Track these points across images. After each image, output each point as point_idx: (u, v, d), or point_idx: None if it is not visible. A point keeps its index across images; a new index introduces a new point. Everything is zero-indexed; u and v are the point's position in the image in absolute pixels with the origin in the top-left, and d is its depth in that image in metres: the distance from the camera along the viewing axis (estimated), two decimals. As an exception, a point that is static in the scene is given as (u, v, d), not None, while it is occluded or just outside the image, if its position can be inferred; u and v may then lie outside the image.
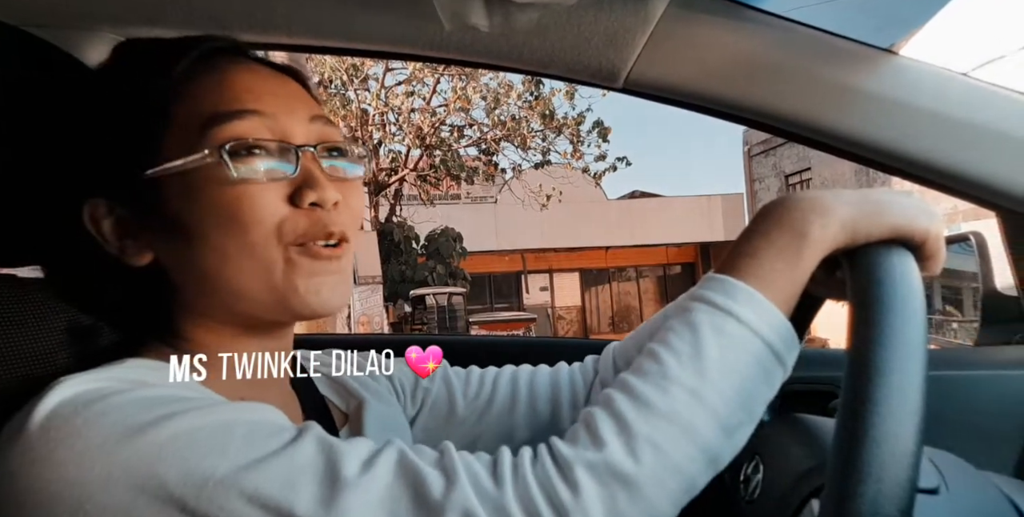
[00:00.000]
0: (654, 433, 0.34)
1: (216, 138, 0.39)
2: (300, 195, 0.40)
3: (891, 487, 0.29)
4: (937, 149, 0.56)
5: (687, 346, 0.37)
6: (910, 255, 0.38)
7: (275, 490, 0.32)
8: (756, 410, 0.37)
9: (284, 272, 0.40)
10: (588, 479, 0.33)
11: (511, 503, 0.32)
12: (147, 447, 0.32)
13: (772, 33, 0.59)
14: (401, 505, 0.33)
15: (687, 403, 0.35)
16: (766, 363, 0.37)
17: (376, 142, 9.60)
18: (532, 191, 10.19)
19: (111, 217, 0.41)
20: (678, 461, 0.34)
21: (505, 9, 0.53)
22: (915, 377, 0.32)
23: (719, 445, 0.36)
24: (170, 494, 0.31)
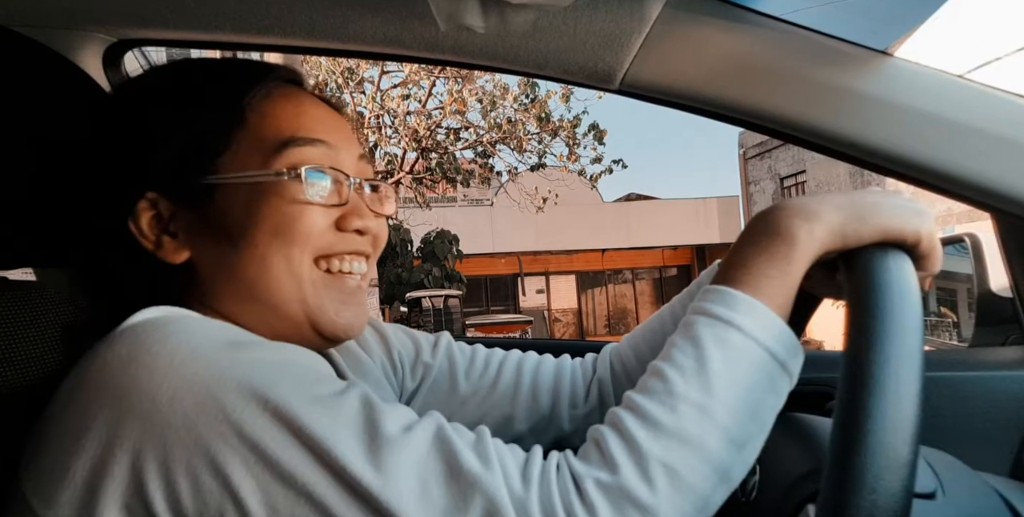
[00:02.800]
0: (666, 454, 0.34)
1: (290, 159, 0.43)
2: (347, 221, 0.45)
3: (886, 497, 0.29)
4: (933, 151, 0.56)
5: (691, 361, 0.37)
6: (906, 257, 0.38)
7: (319, 432, 0.33)
8: (766, 421, 0.37)
9: (315, 293, 0.44)
10: (603, 502, 0.33)
11: (534, 506, 0.33)
12: (212, 369, 0.34)
13: (768, 35, 0.59)
14: (432, 474, 0.33)
15: (696, 420, 0.35)
16: (771, 372, 0.37)
17: (372, 145, 9.59)
18: (528, 194, 10.19)
19: (152, 212, 0.44)
20: (692, 482, 0.34)
21: (500, 10, 0.53)
22: (911, 386, 0.31)
23: (731, 460, 0.35)
24: (228, 416, 0.33)
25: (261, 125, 0.44)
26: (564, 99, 9.22)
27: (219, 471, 0.32)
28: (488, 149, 9.75)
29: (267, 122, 0.44)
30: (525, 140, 9.55)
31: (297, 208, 0.43)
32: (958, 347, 0.90)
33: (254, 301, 0.43)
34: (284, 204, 0.43)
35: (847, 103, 0.58)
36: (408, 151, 9.60)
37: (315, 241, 0.44)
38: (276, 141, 0.44)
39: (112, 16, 0.68)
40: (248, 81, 0.45)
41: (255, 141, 0.44)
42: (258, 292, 0.43)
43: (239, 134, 0.44)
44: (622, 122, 28.26)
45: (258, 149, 0.44)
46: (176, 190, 0.44)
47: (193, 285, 0.44)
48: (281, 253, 0.43)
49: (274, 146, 0.44)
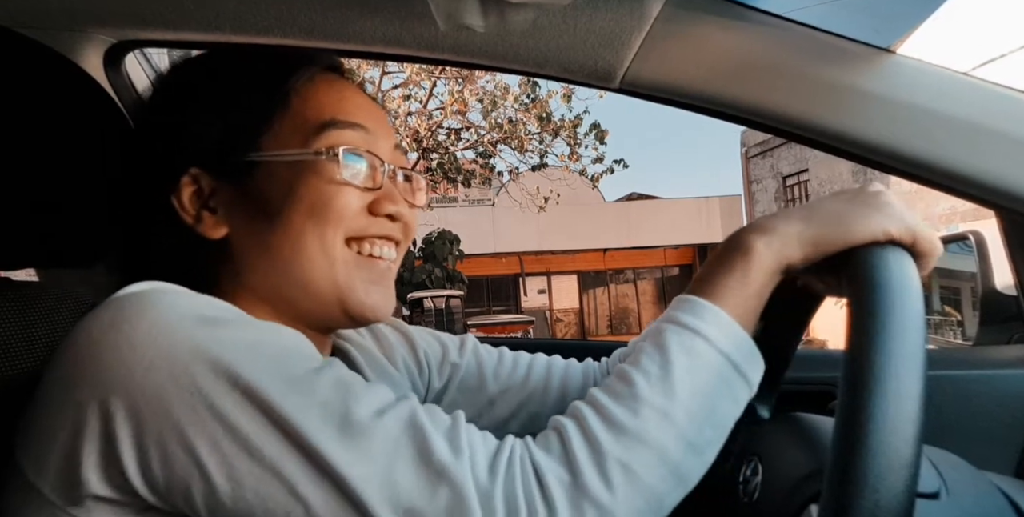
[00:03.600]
0: (625, 454, 0.35)
1: (329, 140, 0.45)
2: (380, 205, 0.46)
3: (889, 497, 0.29)
4: (936, 148, 0.56)
5: (656, 367, 0.38)
6: (907, 256, 0.38)
7: (288, 411, 0.34)
8: (724, 427, 0.38)
9: (346, 272, 0.45)
10: (563, 500, 0.34)
11: (498, 500, 0.33)
12: (188, 342, 0.35)
13: (769, 32, 0.59)
14: (402, 460, 0.34)
15: (656, 423, 0.36)
16: (730, 379, 0.39)
17: (373, 145, 9.56)
18: (529, 194, 10.19)
19: (194, 187, 0.45)
20: (649, 482, 0.35)
21: (500, 9, 0.53)
22: (913, 385, 0.31)
23: (688, 463, 0.36)
24: (199, 390, 0.34)
25: (303, 107, 0.46)
26: (565, 99, 9.21)
27: (187, 443, 0.33)
28: (489, 149, 9.75)
29: (309, 104, 0.46)
30: (526, 140, 9.55)
31: (333, 188, 0.44)
32: (962, 346, 0.90)
33: (286, 278, 0.44)
34: (321, 183, 0.44)
35: (850, 101, 0.58)
36: (409, 151, 9.60)
37: (348, 222, 0.45)
38: (317, 122, 0.45)
39: (113, 17, 0.68)
40: (293, 65, 0.47)
41: (297, 122, 0.45)
42: (290, 269, 0.44)
43: (282, 115, 0.45)
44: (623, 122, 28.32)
45: (299, 130, 0.45)
46: (219, 166, 0.45)
47: (227, 261, 0.45)
48: (315, 232, 0.44)
49: (315, 127, 0.45)
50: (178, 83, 0.49)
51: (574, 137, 9.61)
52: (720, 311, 0.39)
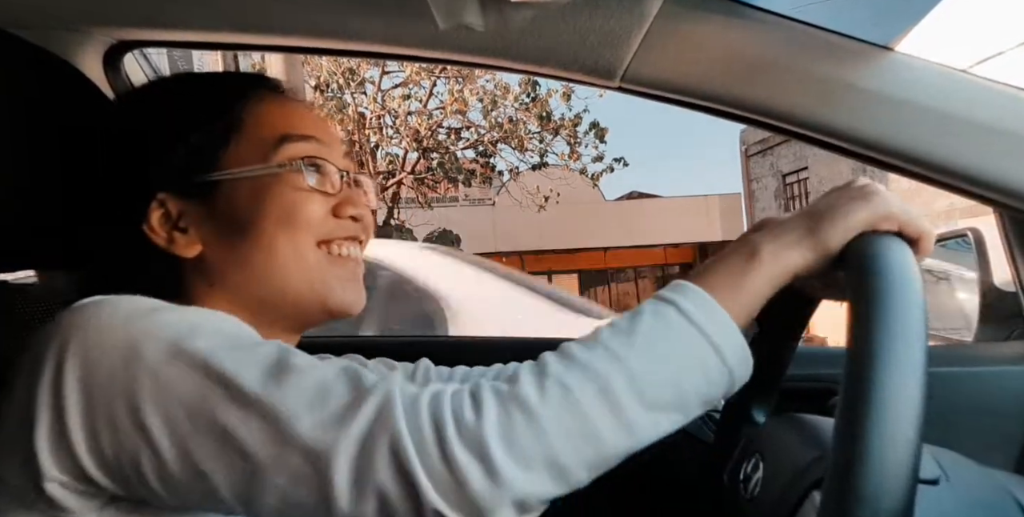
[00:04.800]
0: (567, 377, 0.35)
1: (288, 153, 0.48)
2: (343, 208, 0.50)
3: (892, 478, 0.29)
4: (935, 146, 0.56)
5: (624, 323, 0.38)
6: (902, 243, 0.38)
7: (229, 366, 0.36)
8: (686, 398, 0.37)
9: (320, 273, 0.48)
10: (492, 402, 0.35)
11: (423, 404, 0.35)
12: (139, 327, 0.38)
13: (768, 30, 0.59)
14: (333, 389, 0.36)
15: (606, 360, 0.36)
16: (703, 357, 0.38)
17: (373, 145, 9.59)
18: (530, 193, 10.18)
19: (161, 210, 0.48)
20: (585, 409, 0.35)
21: (499, 8, 0.53)
22: (915, 367, 0.31)
23: (634, 413, 0.35)
24: (147, 365, 0.36)
25: (256, 126, 0.49)
26: (565, 98, 9.21)
27: (135, 413, 0.36)
28: (489, 148, 9.74)
29: (262, 122, 0.49)
30: (526, 139, 9.54)
31: (300, 196, 0.48)
32: (962, 342, 0.90)
33: (264, 285, 0.47)
34: (287, 193, 0.47)
35: (849, 98, 0.58)
36: (409, 151, 9.59)
37: (317, 227, 0.48)
38: (272, 138, 0.49)
39: (112, 18, 0.68)
40: (241, 89, 0.51)
41: (252, 140, 0.49)
42: (268, 276, 0.47)
43: (238, 135, 0.49)
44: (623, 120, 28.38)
45: (256, 146, 0.48)
46: (183, 189, 0.48)
47: (203, 276, 0.48)
48: (287, 239, 0.47)
49: (271, 143, 0.48)
50: (132, 117, 0.52)
51: (574, 136, 9.60)
52: (702, 291, 0.39)
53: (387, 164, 9.96)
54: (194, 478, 0.35)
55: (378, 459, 0.33)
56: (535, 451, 0.34)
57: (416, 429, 0.34)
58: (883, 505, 0.29)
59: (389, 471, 0.33)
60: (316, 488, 0.34)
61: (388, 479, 0.33)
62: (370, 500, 0.34)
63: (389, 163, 9.95)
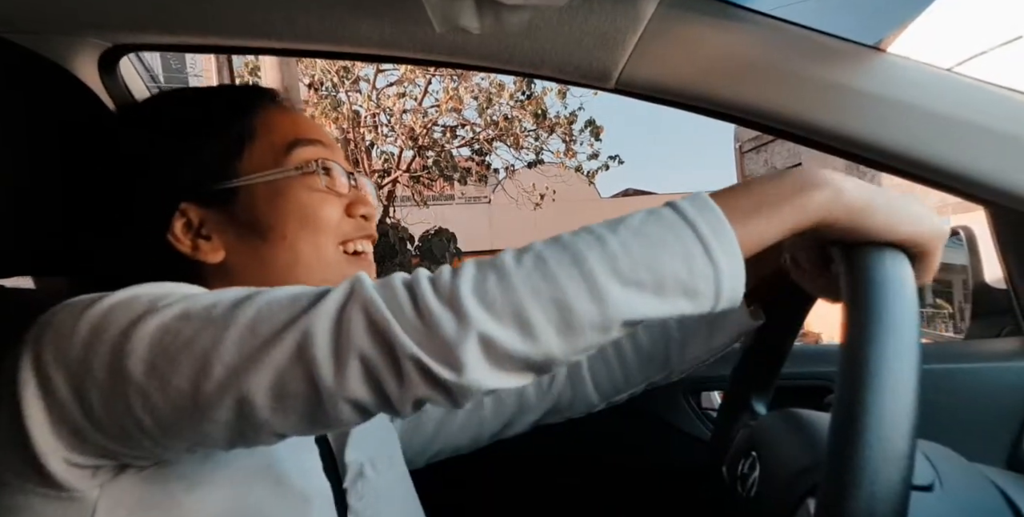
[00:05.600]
0: (545, 251, 0.36)
1: (300, 156, 0.52)
2: (355, 207, 0.54)
3: (885, 488, 0.30)
4: (925, 145, 0.57)
5: (616, 218, 0.39)
6: (905, 258, 0.38)
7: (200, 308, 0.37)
8: (663, 279, 0.35)
9: (340, 272, 0.51)
10: (469, 266, 0.36)
11: (396, 280, 0.36)
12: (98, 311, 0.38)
13: (761, 32, 0.60)
14: (305, 291, 0.37)
15: (587, 241, 0.36)
16: (687, 243, 0.36)
17: (368, 144, 9.55)
18: (526, 190, 10.17)
19: (183, 219, 0.50)
20: (554, 272, 0.35)
21: (495, 11, 0.53)
22: (908, 378, 0.32)
23: (605, 282, 0.35)
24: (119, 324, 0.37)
25: (268, 133, 0.52)
26: (560, 95, 9.19)
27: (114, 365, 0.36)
28: (485, 146, 9.72)
29: (272, 130, 0.53)
30: (522, 137, 9.53)
31: (317, 197, 0.51)
32: (954, 339, 0.91)
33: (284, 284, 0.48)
34: (303, 195, 0.50)
35: (839, 99, 0.59)
36: (405, 149, 9.56)
37: (336, 227, 0.51)
38: (283, 144, 0.52)
39: (107, 21, 0.68)
40: (250, 101, 0.54)
41: (265, 147, 0.52)
42: (289, 278, 0.49)
43: (251, 144, 0.52)
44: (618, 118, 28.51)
45: (269, 153, 0.51)
46: (204, 197, 0.50)
47: (225, 281, 0.49)
48: (309, 240, 0.50)
49: (283, 148, 0.52)
50: (150, 127, 0.54)
51: (569, 134, 9.59)
52: (708, 200, 0.37)
53: (382, 162, 9.93)
54: (185, 403, 0.35)
55: (354, 326, 0.34)
56: (502, 302, 0.34)
57: (390, 295, 0.35)
58: (877, 514, 0.29)
59: (366, 335, 0.34)
60: (302, 373, 0.34)
61: (365, 342, 0.34)
62: (352, 366, 0.34)
63: (384, 161, 9.92)
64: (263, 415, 0.35)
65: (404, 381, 0.34)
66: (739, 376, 0.64)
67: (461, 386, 0.34)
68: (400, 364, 0.34)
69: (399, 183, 10.01)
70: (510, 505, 0.89)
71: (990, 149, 0.55)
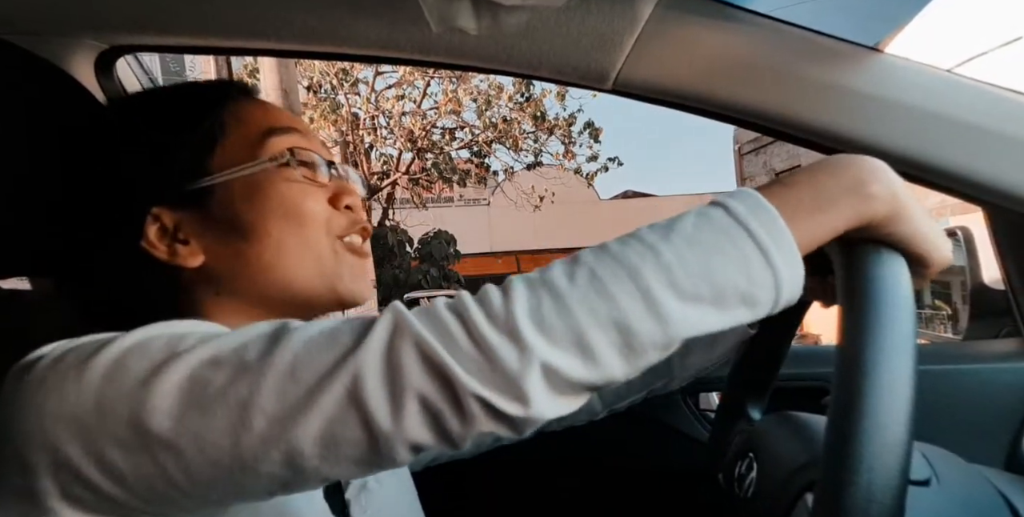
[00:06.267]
0: (598, 266, 0.34)
1: (275, 146, 0.48)
2: (339, 198, 0.50)
3: (883, 477, 0.30)
4: (924, 145, 0.57)
5: (664, 221, 0.36)
6: (901, 258, 0.38)
7: (228, 352, 0.34)
8: (723, 291, 0.34)
9: (333, 263, 0.48)
10: (520, 286, 0.34)
11: (440, 308, 0.34)
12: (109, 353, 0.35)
13: (759, 33, 0.60)
14: (342, 329, 0.34)
15: (639, 252, 0.34)
16: (745, 251, 0.34)
17: (367, 146, 9.56)
18: (525, 193, 10.18)
19: (157, 224, 0.47)
20: (611, 291, 0.33)
21: (493, 12, 0.53)
22: (905, 367, 0.32)
23: (666, 303, 0.33)
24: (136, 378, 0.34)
25: (239, 126, 0.49)
26: (559, 97, 9.21)
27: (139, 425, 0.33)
28: (484, 148, 9.74)
29: (243, 121, 0.49)
30: (521, 139, 9.54)
31: (297, 189, 0.47)
32: (952, 340, 0.91)
33: (274, 284, 0.47)
34: (283, 188, 0.47)
35: (837, 99, 0.59)
36: (404, 152, 9.57)
37: (325, 222, 0.48)
38: (256, 134, 0.48)
39: (104, 22, 0.68)
40: (219, 95, 0.50)
41: (238, 140, 0.48)
42: (278, 276, 0.46)
43: (222, 139, 0.48)
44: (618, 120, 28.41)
45: (242, 146, 0.48)
46: (177, 200, 0.47)
47: (208, 285, 0.47)
48: (296, 235, 0.47)
49: (256, 139, 0.48)
50: (115, 129, 0.50)
51: (568, 135, 9.61)
52: (759, 197, 0.35)
53: (381, 165, 9.94)
54: (224, 459, 0.32)
55: (407, 364, 0.32)
56: (561, 327, 0.32)
57: (438, 326, 0.32)
58: (874, 507, 0.29)
59: (421, 373, 0.32)
60: (355, 418, 0.32)
61: (422, 381, 0.32)
62: (410, 407, 0.32)
63: (384, 164, 9.93)
64: (312, 464, 0.33)
65: (467, 419, 0.32)
66: (735, 381, 0.64)
67: (526, 419, 0.33)
68: (462, 402, 0.32)
69: (398, 185, 10.02)
70: (510, 507, 0.88)
71: (989, 150, 0.56)
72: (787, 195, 0.36)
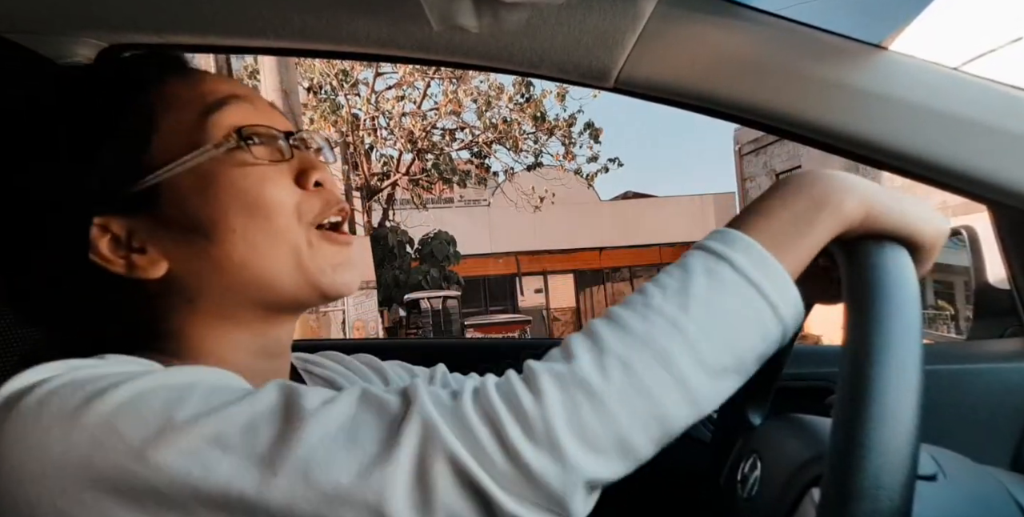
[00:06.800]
0: (627, 353, 0.33)
1: (217, 125, 0.41)
2: (306, 176, 0.43)
3: (891, 473, 0.29)
4: (928, 144, 0.56)
5: (675, 282, 0.36)
6: (905, 251, 0.38)
7: (235, 433, 0.31)
8: (744, 359, 0.35)
9: (311, 255, 0.42)
10: (552, 386, 0.32)
11: (470, 412, 0.31)
12: (103, 407, 0.32)
13: (762, 30, 0.59)
14: (361, 426, 0.32)
15: (666, 331, 0.33)
16: (760, 314, 0.35)
17: (368, 147, 9.57)
18: (525, 193, 10.19)
19: (107, 235, 0.41)
20: (649, 385, 0.32)
21: (494, 9, 0.53)
22: (912, 355, 0.32)
23: (698, 382, 0.33)
24: (130, 446, 0.31)
25: (170, 110, 0.41)
26: (559, 98, 9.23)
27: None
28: (484, 149, 9.74)
29: (175, 104, 0.42)
30: (521, 140, 9.55)
31: (255, 174, 0.41)
32: (956, 339, 0.91)
33: (248, 284, 0.41)
34: (238, 176, 0.40)
35: (842, 97, 0.58)
36: (404, 153, 9.58)
37: (294, 206, 0.42)
38: (193, 116, 0.41)
39: (104, 21, 0.67)
40: (141, 77, 0.43)
41: (173, 128, 0.41)
42: (253, 274, 0.41)
43: (154, 131, 0.41)
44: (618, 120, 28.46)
45: (180, 134, 0.41)
46: (120, 206, 0.41)
47: (178, 294, 0.42)
48: (264, 227, 0.41)
49: (194, 122, 0.41)
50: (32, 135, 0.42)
51: (569, 136, 9.62)
52: (755, 243, 0.36)
53: (382, 165, 9.95)
54: None
55: (438, 483, 0.30)
56: (604, 435, 0.32)
57: (470, 438, 0.31)
58: (882, 500, 0.29)
59: (454, 490, 0.30)
60: None
61: (455, 499, 0.30)
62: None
63: (384, 165, 9.94)
64: None
65: None
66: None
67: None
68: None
69: (398, 186, 10.03)
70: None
71: (994, 147, 0.55)
72: (770, 228, 0.37)
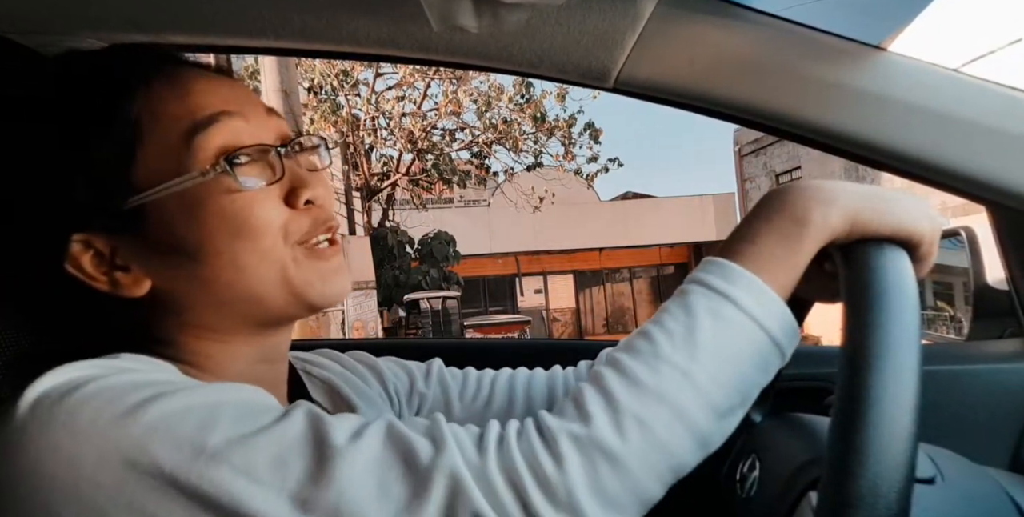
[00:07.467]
0: (642, 411, 0.34)
1: (204, 149, 0.39)
2: (296, 195, 0.42)
3: (888, 476, 0.29)
4: (927, 144, 0.56)
5: (681, 327, 0.36)
6: (904, 252, 0.38)
7: (266, 466, 0.32)
8: (749, 395, 0.37)
9: (298, 271, 0.42)
10: (572, 452, 0.33)
11: (495, 473, 0.32)
12: (136, 427, 0.32)
13: (762, 31, 0.59)
14: (390, 472, 0.33)
15: (678, 383, 0.35)
16: (764, 351, 0.37)
17: (368, 147, 9.57)
18: (525, 194, 10.19)
19: (90, 252, 0.40)
20: (665, 440, 0.34)
21: (493, 10, 0.53)
22: (910, 361, 0.32)
23: (709, 427, 0.35)
24: (161, 470, 0.31)
25: (156, 123, 0.39)
26: (559, 98, 9.23)
27: None
28: (484, 150, 9.75)
29: (161, 117, 0.40)
30: (521, 140, 9.56)
31: (243, 199, 0.40)
32: (955, 340, 0.91)
33: (236, 301, 0.41)
34: (226, 202, 0.39)
35: (841, 98, 0.58)
36: (404, 153, 9.59)
37: (276, 224, 0.41)
38: (179, 136, 0.39)
39: (103, 21, 0.67)
40: (126, 80, 0.40)
41: (158, 146, 0.39)
42: (239, 292, 0.41)
43: (139, 143, 0.39)
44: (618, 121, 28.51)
45: (165, 153, 0.39)
46: (102, 224, 0.39)
47: (167, 311, 0.41)
48: (250, 250, 0.40)
49: (179, 142, 0.39)
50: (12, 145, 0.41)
51: (569, 137, 9.62)
52: (755, 278, 0.37)
53: (382, 166, 9.95)
54: None
55: None
56: (624, 493, 0.33)
57: (496, 501, 0.32)
58: (880, 504, 0.29)
59: None
60: None
61: None
62: None
63: (384, 165, 9.94)
64: None
65: None
66: None
67: None
68: None
69: (398, 186, 10.03)
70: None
71: (994, 149, 0.55)
72: (760, 255, 0.38)
